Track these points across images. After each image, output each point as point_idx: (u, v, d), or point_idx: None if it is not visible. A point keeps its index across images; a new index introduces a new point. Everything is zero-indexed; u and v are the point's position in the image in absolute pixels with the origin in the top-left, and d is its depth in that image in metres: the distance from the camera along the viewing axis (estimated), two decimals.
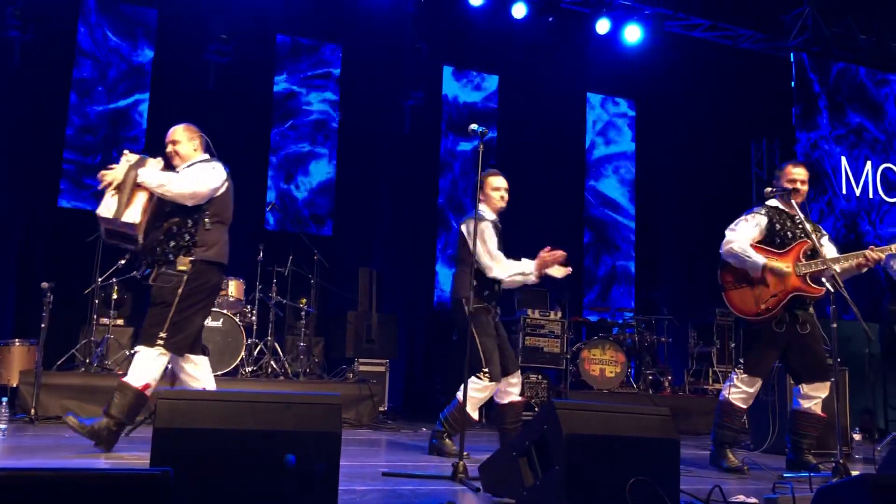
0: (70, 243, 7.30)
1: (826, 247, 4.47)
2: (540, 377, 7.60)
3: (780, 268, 4.35)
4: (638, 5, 9.61)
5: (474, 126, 3.98)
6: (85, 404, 5.87)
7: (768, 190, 4.64)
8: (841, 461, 4.04)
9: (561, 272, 4.75)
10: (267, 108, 8.86)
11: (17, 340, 6.50)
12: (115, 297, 6.79)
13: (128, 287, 7.00)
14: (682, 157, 10.29)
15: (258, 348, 7.07)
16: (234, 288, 7.01)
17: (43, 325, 5.82)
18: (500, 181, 4.83)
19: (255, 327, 7.08)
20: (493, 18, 9.31)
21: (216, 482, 2.23)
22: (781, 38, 10.33)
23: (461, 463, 3.53)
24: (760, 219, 4.52)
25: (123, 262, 6.72)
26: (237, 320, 6.72)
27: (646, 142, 10.56)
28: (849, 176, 10.78)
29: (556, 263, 4.69)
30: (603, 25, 9.57)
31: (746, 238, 4.47)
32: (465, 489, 3.35)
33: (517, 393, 4.77)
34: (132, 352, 6.60)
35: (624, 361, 7.96)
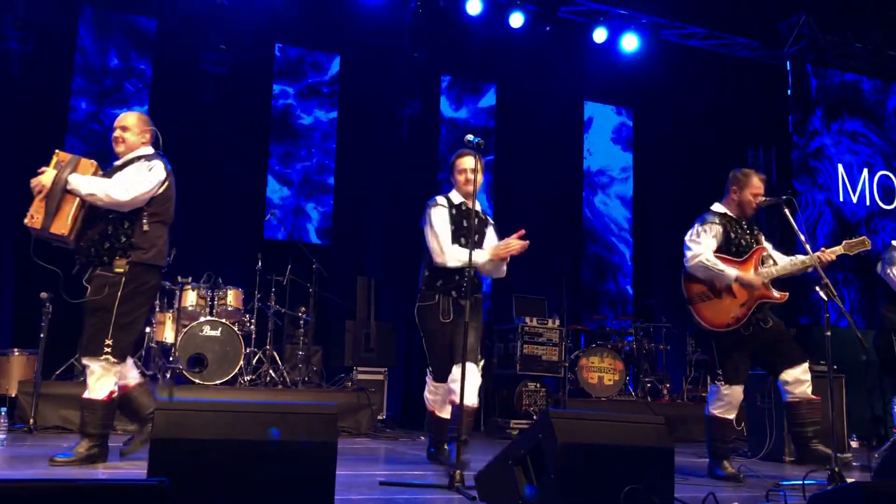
0: (69, 253, 7.31)
1: (772, 251, 4.61)
2: (538, 385, 7.61)
3: (751, 279, 4.38)
4: (635, 14, 9.67)
5: (470, 136, 4.00)
6: None
7: (763, 199, 4.67)
8: (836, 468, 4.05)
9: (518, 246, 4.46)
10: (265, 117, 8.90)
11: (15, 350, 6.52)
12: None
13: None
14: (678, 164, 10.33)
15: (257, 357, 7.08)
16: (232, 297, 7.03)
17: (42, 334, 5.84)
18: (464, 162, 4.49)
19: (253, 336, 7.10)
20: (491, 28, 9.37)
21: (213, 492, 2.25)
22: (777, 46, 10.38)
23: (458, 472, 3.54)
24: (717, 228, 4.53)
25: None
26: (236, 329, 6.74)
27: (643, 149, 10.60)
28: (846, 183, 10.82)
29: (512, 253, 4.40)
30: (600, 34, 9.62)
31: (710, 249, 4.46)
32: (462, 498, 3.37)
33: (457, 392, 4.03)
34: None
35: (622, 369, 7.98)
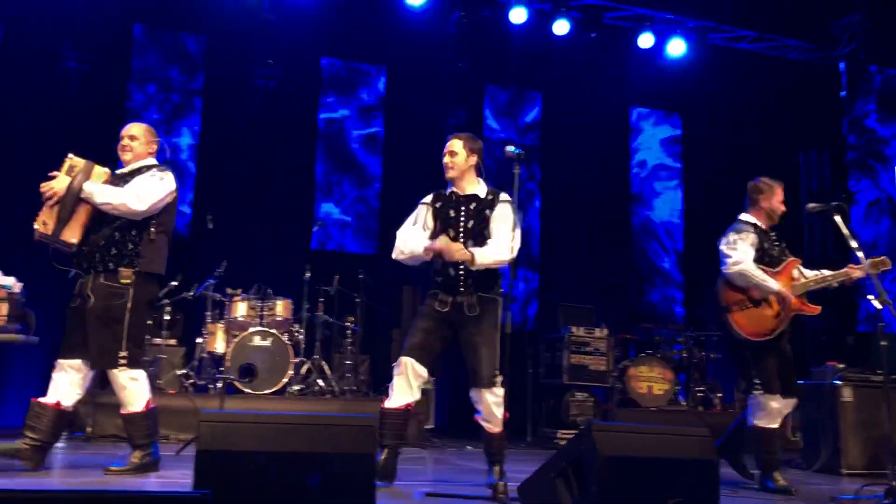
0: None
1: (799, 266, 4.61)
2: (586, 395, 7.53)
3: (788, 295, 4.36)
4: (681, 19, 9.56)
5: (511, 147, 3.99)
6: None
7: (812, 206, 4.59)
8: (894, 482, 3.93)
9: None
10: (312, 129, 9.03)
11: None
12: (166, 317, 6.97)
13: (179, 308, 7.19)
14: (728, 169, 10.15)
15: (306, 367, 7.16)
16: (281, 307, 7.14)
17: None
18: (446, 146, 4.16)
19: (302, 346, 7.18)
20: (535, 36, 9.35)
21: (255, 503, 2.29)
22: (830, 47, 10.15)
23: (501, 483, 3.54)
24: (752, 236, 4.49)
25: (175, 283, 6.92)
26: (285, 339, 6.83)
27: (691, 155, 10.46)
28: None
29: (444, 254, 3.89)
30: (646, 40, 9.52)
31: (750, 257, 4.42)
32: None
33: (483, 414, 3.94)
34: (181, 372, 6.82)
35: (672, 378, 7.85)
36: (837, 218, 4.34)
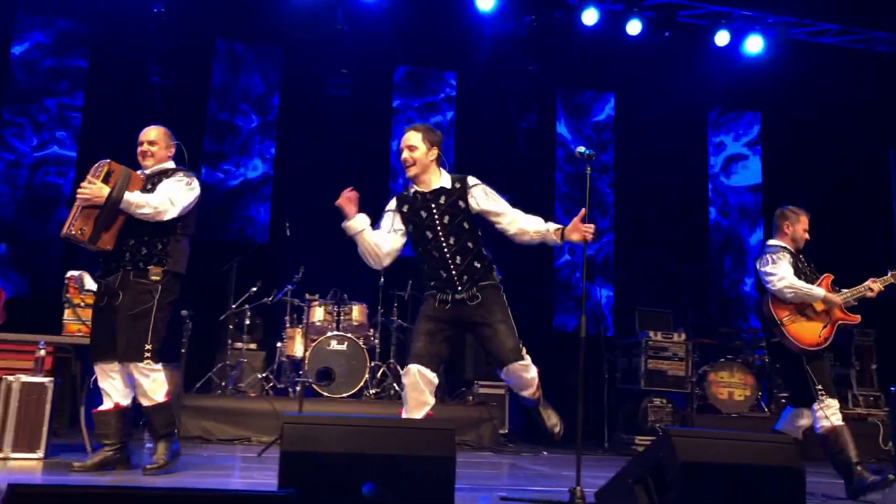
0: (206, 272, 7.79)
1: None
2: (664, 401, 7.40)
3: (834, 298, 4.62)
4: (759, 14, 9.30)
5: (581, 149, 3.96)
6: (221, 425, 6.23)
7: None
8: None
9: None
10: (385, 136, 9.15)
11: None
12: (247, 322, 7.17)
13: (259, 313, 7.39)
14: (811, 168, 9.83)
15: (381, 370, 7.26)
16: (357, 312, 7.25)
17: (183, 350, 6.23)
18: (403, 139, 3.95)
19: (377, 350, 7.28)
20: (607, 37, 9.25)
21: (336, 503, 2.34)
22: None
23: (577, 488, 3.51)
24: (788, 256, 4.70)
25: (255, 289, 7.11)
26: (361, 343, 6.95)
27: (773, 156, 10.16)
28: None
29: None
30: (722, 38, 9.30)
31: (791, 273, 4.63)
32: None
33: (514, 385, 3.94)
34: (262, 375, 6.99)
35: (753, 384, 7.64)
36: None
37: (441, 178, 3.92)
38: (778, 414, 7.65)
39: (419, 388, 3.75)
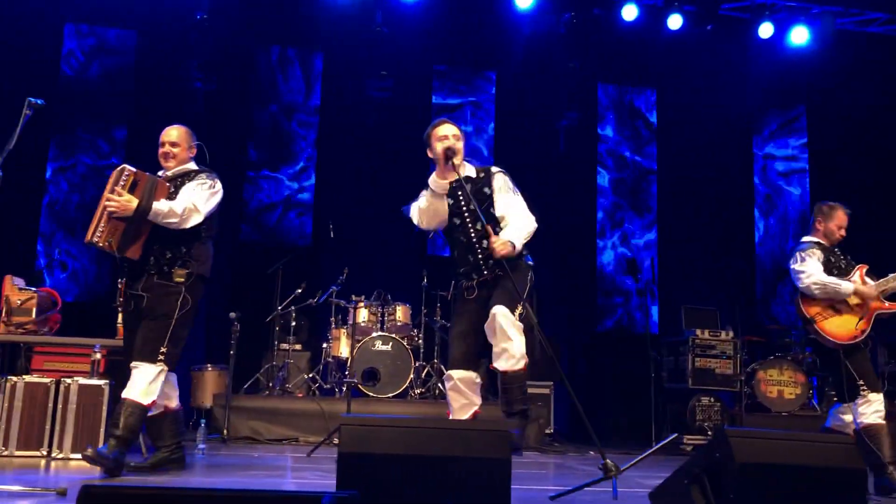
0: (252, 275, 7.90)
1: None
2: (712, 399, 7.31)
3: (867, 290, 4.58)
4: (804, 5, 9.12)
5: None
6: (269, 425, 6.31)
7: None
8: None
9: None
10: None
11: (209, 365, 7.07)
12: (293, 323, 7.25)
13: (304, 314, 7.46)
14: (859, 162, 9.61)
15: (426, 371, 7.28)
16: (401, 313, 7.29)
17: (231, 351, 6.32)
18: (444, 129, 4.00)
19: (421, 350, 7.31)
20: (648, 32, 9.15)
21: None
22: None
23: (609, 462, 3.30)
24: (818, 253, 4.68)
25: (300, 290, 7.19)
26: (405, 343, 6.98)
27: (819, 148, 9.96)
28: None
29: None
30: (766, 30, 9.13)
31: (819, 270, 4.62)
32: None
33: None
34: (308, 376, 7.07)
35: (804, 382, 7.51)
36: None
37: (467, 169, 4.08)
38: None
39: (461, 391, 3.88)
